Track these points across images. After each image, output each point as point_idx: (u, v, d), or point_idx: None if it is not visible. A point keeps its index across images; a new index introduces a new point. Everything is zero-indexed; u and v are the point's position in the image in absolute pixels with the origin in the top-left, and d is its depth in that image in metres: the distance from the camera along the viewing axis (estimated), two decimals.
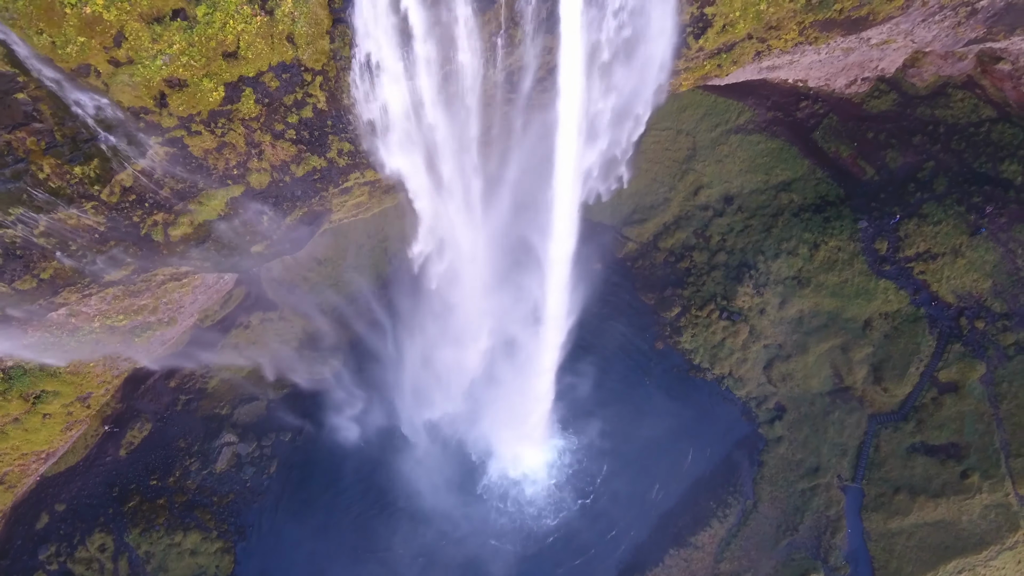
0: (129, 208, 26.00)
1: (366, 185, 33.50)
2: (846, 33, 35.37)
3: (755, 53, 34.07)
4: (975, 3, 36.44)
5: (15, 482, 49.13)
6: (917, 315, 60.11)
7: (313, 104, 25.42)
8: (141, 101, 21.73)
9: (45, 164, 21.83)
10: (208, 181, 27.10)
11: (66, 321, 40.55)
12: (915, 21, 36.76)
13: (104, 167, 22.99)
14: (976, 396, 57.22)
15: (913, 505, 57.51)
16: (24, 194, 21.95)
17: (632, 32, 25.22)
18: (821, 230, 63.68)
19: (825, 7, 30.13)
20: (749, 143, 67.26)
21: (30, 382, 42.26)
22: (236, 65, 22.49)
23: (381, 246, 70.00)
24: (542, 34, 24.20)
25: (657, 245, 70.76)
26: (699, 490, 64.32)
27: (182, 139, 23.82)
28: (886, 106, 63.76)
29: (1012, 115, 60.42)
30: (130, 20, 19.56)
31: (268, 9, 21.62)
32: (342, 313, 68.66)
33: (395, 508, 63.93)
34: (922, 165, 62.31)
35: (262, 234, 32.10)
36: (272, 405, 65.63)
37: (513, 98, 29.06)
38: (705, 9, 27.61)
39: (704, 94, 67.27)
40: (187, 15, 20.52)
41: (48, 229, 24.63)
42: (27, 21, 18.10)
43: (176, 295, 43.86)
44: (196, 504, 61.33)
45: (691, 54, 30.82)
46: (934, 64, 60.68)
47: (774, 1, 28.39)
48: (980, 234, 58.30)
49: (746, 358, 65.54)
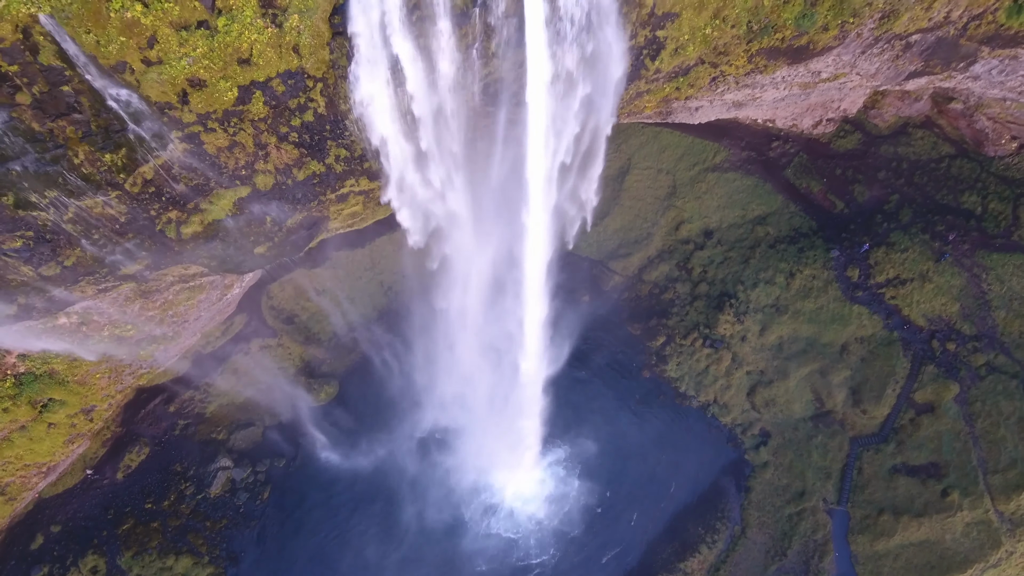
0: (148, 200, 29.30)
1: (361, 194, 36.94)
2: (792, 62, 39.60)
3: (711, 79, 38.15)
4: (907, 37, 40.87)
5: (15, 494, 50.45)
6: (891, 339, 62.56)
7: (314, 108, 29.15)
8: (166, 97, 25.39)
9: (80, 151, 25.25)
10: (219, 179, 30.53)
11: (77, 329, 43.38)
12: (855, 53, 41.09)
13: (130, 157, 26.42)
14: (952, 415, 58.94)
15: (897, 525, 58.26)
16: (60, 177, 25.26)
17: (592, 49, 29.16)
18: (796, 260, 66.97)
19: (765, 34, 34.35)
20: (726, 180, 71.52)
21: (39, 389, 44.48)
22: (249, 70, 26.28)
23: (377, 279, 73.31)
24: (512, 48, 28.14)
25: (642, 278, 73.96)
26: (687, 517, 65.06)
27: (199, 135, 27.35)
28: (852, 145, 68.31)
29: (969, 151, 64.80)
30: (162, 26, 23.41)
31: (278, 23, 25.55)
32: (339, 342, 71.22)
33: (387, 535, 64.51)
34: (888, 198, 66.24)
35: (265, 235, 35.30)
36: (268, 431, 67.23)
37: (491, 111, 32.84)
38: (657, 32, 31.73)
39: (682, 135, 72.07)
40: (209, 25, 24.40)
41: (76, 216, 27.83)
42: (78, 21, 21.88)
43: (182, 308, 46.67)
44: (189, 528, 62.02)
45: (650, 75, 34.85)
46: (893, 106, 65.52)
47: (718, 27, 32.57)
48: (944, 260, 61.49)
49: (730, 384, 67.53)
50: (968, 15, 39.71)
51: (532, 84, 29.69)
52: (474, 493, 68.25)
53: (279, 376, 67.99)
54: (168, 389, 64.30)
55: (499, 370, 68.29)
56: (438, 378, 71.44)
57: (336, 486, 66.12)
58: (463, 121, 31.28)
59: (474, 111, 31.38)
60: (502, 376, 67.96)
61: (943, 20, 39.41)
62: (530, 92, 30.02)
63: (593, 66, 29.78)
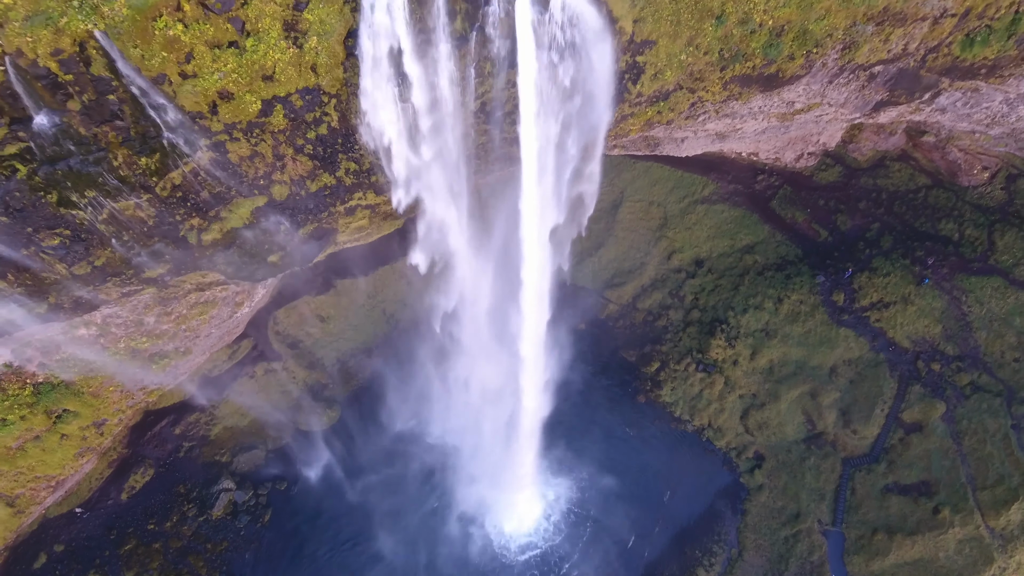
0: (175, 205, 32.21)
1: (367, 208, 39.93)
2: (764, 90, 43.18)
3: (689, 104, 41.64)
4: (871, 68, 44.61)
5: (24, 507, 51.64)
6: (877, 360, 64.52)
7: (328, 123, 32.38)
8: (198, 107, 28.59)
9: (119, 154, 28.28)
10: (239, 188, 33.51)
11: (95, 341, 45.76)
12: (823, 82, 44.77)
13: (163, 161, 29.44)
14: (939, 434, 60.36)
15: (892, 544, 58.88)
16: (100, 177, 28.20)
17: (580, 69, 32.61)
18: (783, 286, 69.57)
19: (736, 61, 37.95)
20: (714, 212, 74.88)
21: (56, 398, 46.45)
22: (271, 86, 29.61)
23: (380, 307, 75.84)
24: (506, 68, 31.56)
25: (636, 306, 76.45)
26: (684, 540, 65.57)
27: (224, 143, 30.46)
28: (833, 178, 71.93)
29: (944, 181, 68.30)
30: (199, 44, 26.79)
31: (299, 44, 29.00)
32: (341, 367, 73.18)
33: (385, 561, 64.91)
34: (869, 226, 69.38)
35: (278, 244, 38.08)
36: (270, 455, 68.45)
37: (488, 129, 36.14)
38: (637, 58, 35.27)
39: (672, 170, 75.86)
40: (239, 45, 27.82)
41: (110, 216, 30.67)
42: (128, 38, 25.21)
43: (195, 322, 49.09)
44: (190, 550, 62.62)
45: (632, 99, 38.30)
46: (870, 140, 69.41)
47: (692, 53, 36.14)
48: (925, 284, 64.06)
49: (723, 408, 69.08)
50: (924, 47, 43.50)
51: (524, 101, 32.97)
52: (471, 519, 68.79)
53: (282, 400, 69.71)
54: (175, 411, 66.00)
55: (499, 401, 69.97)
56: (438, 406, 73.13)
57: (336, 511, 66.83)
58: (459, 135, 34.53)
59: (471, 127, 34.65)
60: (502, 407, 69.62)
61: (902, 52, 43.17)
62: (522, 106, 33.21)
63: (581, 84, 33.18)
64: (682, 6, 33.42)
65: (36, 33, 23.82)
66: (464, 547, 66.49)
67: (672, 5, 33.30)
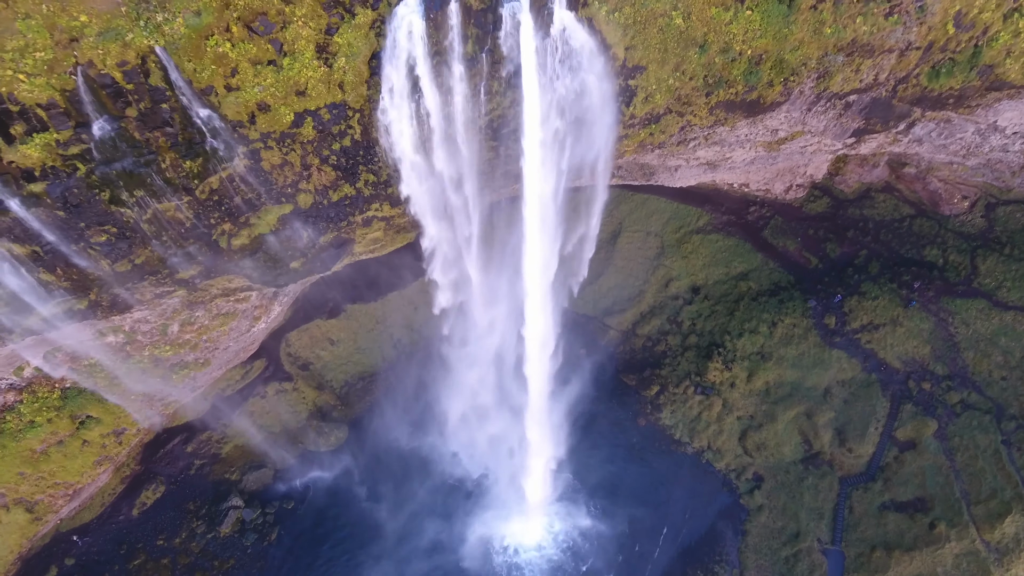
0: (211, 208, 35.54)
1: (383, 220, 43.27)
2: (748, 116, 47.04)
3: (679, 127, 45.44)
4: (846, 97, 48.60)
5: (42, 514, 53.19)
6: (870, 380, 66.57)
7: (352, 135, 36.01)
8: (239, 116, 32.23)
9: (167, 157, 31.77)
10: (269, 195, 36.93)
11: (122, 348, 48.51)
12: (802, 110, 48.69)
13: (204, 166, 32.92)
14: (932, 451, 61.90)
15: (890, 561, 59.66)
16: (149, 178, 31.60)
17: (580, 89, 36.42)
18: (777, 311, 72.26)
19: (720, 87, 41.85)
20: (709, 241, 78.32)
21: (81, 403, 48.80)
22: (303, 100, 33.35)
23: (388, 331, 78.52)
24: (512, 87, 35.35)
25: (635, 332, 79.02)
26: (686, 561, 66.28)
27: (259, 151, 34.00)
28: (821, 208, 75.62)
29: (927, 211, 71.83)
30: (243, 61, 30.63)
31: (329, 64, 32.88)
32: (350, 390, 75.32)
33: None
34: (857, 253, 72.58)
35: (300, 251, 41.25)
36: (279, 473, 69.95)
37: (495, 145, 39.78)
38: (630, 82, 39.17)
39: (668, 201, 79.72)
40: (277, 63, 31.69)
41: (153, 216, 33.95)
42: (183, 53, 29.02)
43: (215, 333, 51.86)
44: (198, 567, 63.52)
45: (626, 120, 42.06)
46: (855, 172, 73.36)
47: (679, 78, 40.04)
48: (912, 306, 66.73)
49: (722, 430, 70.74)
50: (894, 78, 47.54)
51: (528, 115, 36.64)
52: (478, 541, 69.61)
53: (292, 420, 71.65)
54: (187, 430, 67.92)
55: (506, 424, 71.92)
56: (443, 428, 74.95)
57: (342, 530, 67.89)
58: (470, 149, 38.13)
59: (480, 142, 38.30)
60: (509, 430, 71.52)
61: (873, 81, 47.19)
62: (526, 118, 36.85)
63: (578, 102, 36.93)
64: (668, 35, 37.44)
65: (107, 47, 27.57)
66: (469, 565, 67.21)
67: (659, 34, 37.32)
